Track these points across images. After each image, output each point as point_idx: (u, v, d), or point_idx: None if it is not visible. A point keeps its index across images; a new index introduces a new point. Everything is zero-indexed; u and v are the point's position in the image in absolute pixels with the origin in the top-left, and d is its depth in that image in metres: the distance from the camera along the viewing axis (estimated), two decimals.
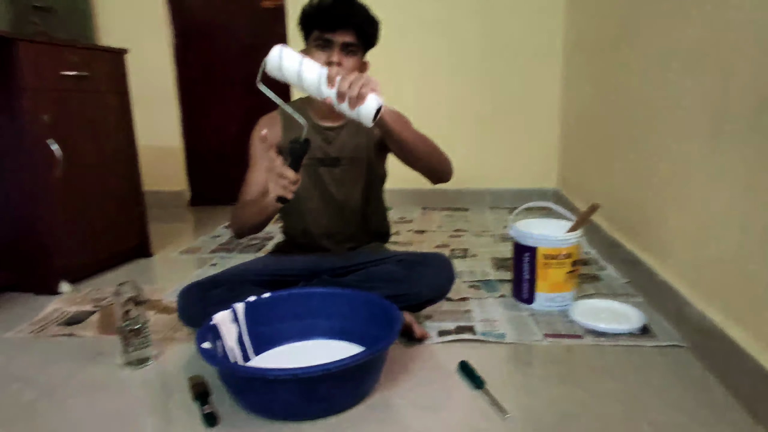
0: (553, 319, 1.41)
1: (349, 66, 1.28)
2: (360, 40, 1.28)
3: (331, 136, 1.41)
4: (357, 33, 1.27)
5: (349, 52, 1.28)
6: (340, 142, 1.40)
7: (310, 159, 1.40)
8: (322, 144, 1.40)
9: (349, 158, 1.41)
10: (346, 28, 1.25)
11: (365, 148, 1.42)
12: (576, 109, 2.58)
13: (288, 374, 0.91)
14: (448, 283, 1.34)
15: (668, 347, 1.24)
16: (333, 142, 1.40)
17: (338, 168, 1.40)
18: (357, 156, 1.41)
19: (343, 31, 1.25)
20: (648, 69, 1.58)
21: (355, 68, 1.29)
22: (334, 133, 1.41)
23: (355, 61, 1.29)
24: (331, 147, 1.40)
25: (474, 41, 2.89)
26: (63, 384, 1.15)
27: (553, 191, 3.00)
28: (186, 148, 3.29)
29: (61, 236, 1.73)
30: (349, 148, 1.41)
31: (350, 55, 1.28)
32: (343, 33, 1.25)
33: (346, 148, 1.40)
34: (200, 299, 1.27)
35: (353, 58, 1.29)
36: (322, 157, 1.40)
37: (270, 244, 2.28)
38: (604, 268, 1.82)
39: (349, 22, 1.25)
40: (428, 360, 1.22)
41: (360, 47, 1.30)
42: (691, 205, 1.28)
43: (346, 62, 1.27)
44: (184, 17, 3.14)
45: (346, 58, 1.28)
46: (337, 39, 1.26)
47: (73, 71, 1.76)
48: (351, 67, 1.28)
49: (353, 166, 1.41)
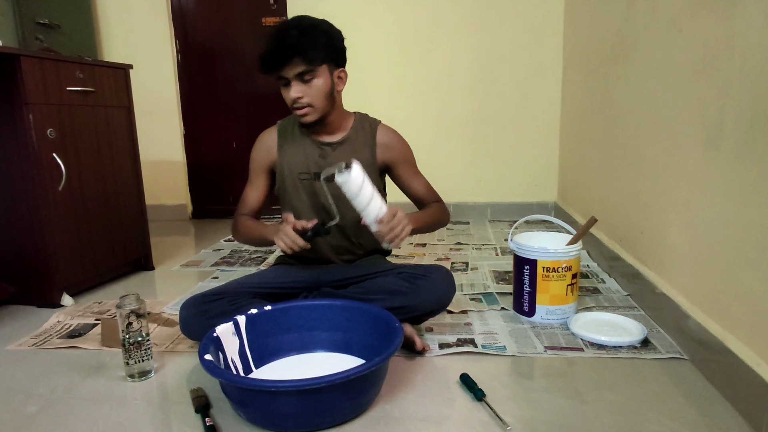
0: (553, 332, 1.42)
1: (312, 93, 1.31)
2: (312, 63, 1.28)
3: (327, 152, 1.42)
4: (304, 60, 1.27)
5: (306, 80, 1.30)
6: (337, 156, 1.41)
7: (308, 174, 1.42)
8: (319, 159, 1.42)
9: None
10: (289, 63, 1.27)
11: (366, 165, 1.40)
12: (574, 123, 2.60)
13: (290, 386, 0.92)
14: (448, 295, 1.35)
15: (669, 359, 1.24)
16: (329, 158, 1.41)
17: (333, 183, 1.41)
18: None
19: (289, 65, 1.27)
20: (644, 83, 1.60)
21: (320, 90, 1.32)
22: (330, 148, 1.43)
23: (316, 84, 1.31)
24: (327, 162, 1.40)
25: (473, 55, 2.92)
26: (65, 397, 1.16)
27: (552, 204, 3.02)
28: (188, 162, 3.32)
29: (64, 249, 1.75)
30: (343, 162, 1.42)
31: (308, 81, 1.30)
32: (290, 67, 1.28)
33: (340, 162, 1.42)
34: (202, 312, 1.28)
35: (313, 81, 1.30)
36: (318, 172, 1.41)
37: (271, 257, 2.29)
38: (604, 281, 1.82)
39: (287, 56, 1.26)
40: (429, 372, 1.22)
41: (316, 67, 1.29)
42: (689, 218, 1.29)
43: (307, 91, 1.30)
44: (187, 34, 3.18)
45: (306, 86, 1.31)
46: (288, 74, 1.29)
47: (78, 87, 1.79)
48: (315, 93, 1.31)
49: None
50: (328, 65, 1.33)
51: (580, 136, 2.47)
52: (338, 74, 1.37)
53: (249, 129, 3.23)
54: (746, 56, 1.04)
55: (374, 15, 2.92)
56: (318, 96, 1.32)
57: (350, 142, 1.43)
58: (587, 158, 2.33)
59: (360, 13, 2.91)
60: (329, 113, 1.38)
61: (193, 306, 1.30)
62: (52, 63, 1.68)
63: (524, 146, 3.00)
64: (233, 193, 3.32)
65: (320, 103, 1.33)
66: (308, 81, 1.30)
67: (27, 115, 1.61)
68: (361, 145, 1.43)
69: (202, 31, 3.18)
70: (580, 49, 2.48)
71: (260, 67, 1.32)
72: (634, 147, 1.70)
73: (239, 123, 3.25)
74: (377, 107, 2.08)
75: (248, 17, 3.11)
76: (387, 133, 1.47)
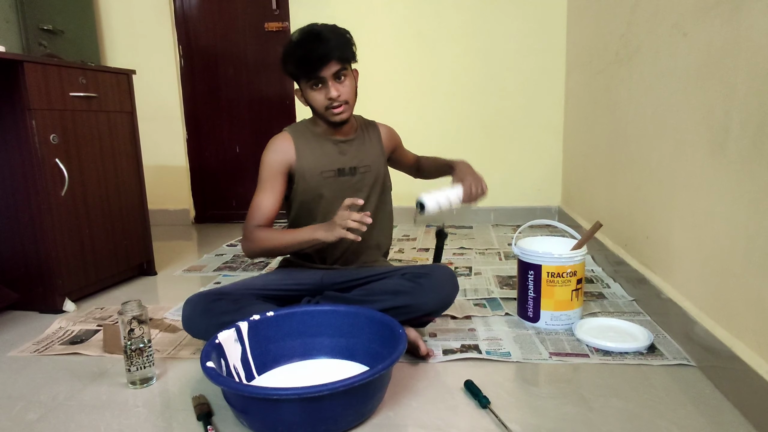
0: (558, 338, 1.40)
1: (347, 91, 1.37)
2: (344, 63, 1.36)
3: (345, 148, 1.48)
4: (339, 60, 1.34)
5: (341, 80, 1.36)
6: (354, 152, 1.49)
7: (331, 170, 1.46)
8: (339, 156, 1.47)
9: (364, 166, 1.49)
10: (327, 63, 1.32)
11: (377, 156, 1.53)
12: (578, 127, 2.59)
13: (292, 394, 0.91)
14: (452, 294, 1.34)
15: (676, 366, 1.23)
16: (348, 153, 1.48)
17: (356, 176, 1.48)
18: (371, 164, 1.51)
19: (327, 66, 1.32)
20: (648, 87, 1.59)
21: (353, 88, 1.40)
22: (347, 145, 1.48)
23: (350, 82, 1.39)
24: (346, 158, 1.47)
25: (476, 60, 2.92)
26: (66, 404, 1.15)
27: (556, 209, 3.00)
28: (191, 167, 3.32)
29: (66, 255, 1.74)
30: (362, 158, 1.49)
31: (342, 80, 1.37)
32: (327, 67, 1.33)
33: (360, 158, 1.49)
34: (205, 310, 1.27)
35: (346, 80, 1.38)
36: (342, 167, 1.47)
37: (274, 261, 2.29)
38: (608, 286, 1.81)
39: (328, 57, 1.32)
40: (433, 378, 1.21)
41: (348, 66, 1.38)
42: (695, 223, 1.28)
43: (342, 89, 1.36)
44: (190, 39, 3.19)
45: (341, 85, 1.37)
46: (325, 75, 1.34)
47: (80, 92, 1.79)
48: (350, 90, 1.38)
49: (368, 174, 1.50)
50: (351, 65, 1.41)
51: (584, 141, 2.46)
52: (355, 72, 1.45)
53: (252, 134, 3.24)
54: (752, 59, 1.03)
55: (377, 20, 2.93)
56: (351, 93, 1.39)
57: (361, 139, 1.52)
58: (591, 162, 2.32)
59: (362, 18, 2.91)
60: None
61: (197, 303, 1.29)
62: (55, 68, 1.69)
63: (528, 150, 2.99)
64: (236, 198, 3.32)
65: (353, 99, 1.41)
66: (342, 80, 1.36)
67: (30, 120, 1.61)
68: (369, 141, 1.53)
69: (205, 36, 3.18)
70: (583, 53, 2.47)
71: (295, 70, 1.35)
72: (638, 151, 1.69)
73: (242, 128, 3.25)
74: (379, 111, 2.08)
75: (251, 23, 3.11)
76: (384, 128, 1.60)
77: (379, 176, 1.52)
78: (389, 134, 1.60)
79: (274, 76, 3.13)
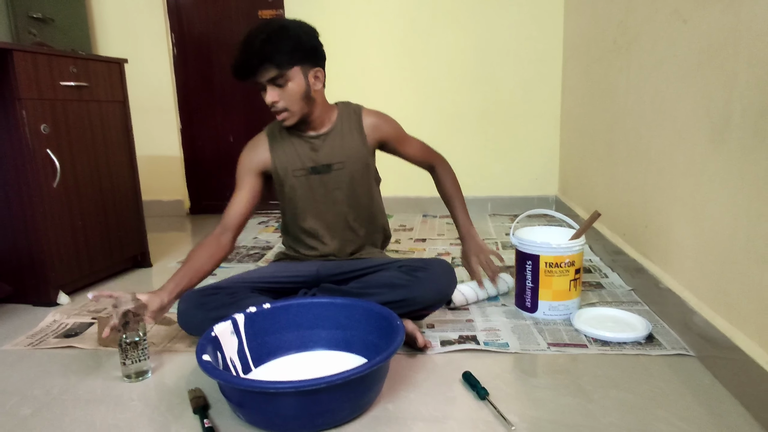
0: (556, 328, 1.40)
1: (286, 97, 1.31)
2: (281, 68, 1.28)
3: (317, 144, 1.43)
4: (272, 65, 1.27)
5: (279, 85, 1.30)
6: (328, 147, 1.43)
7: (302, 169, 1.42)
8: (311, 153, 1.42)
9: (340, 162, 1.43)
10: (259, 70, 1.28)
11: (356, 150, 1.45)
12: (576, 115, 2.57)
13: (289, 387, 0.90)
14: (449, 287, 1.33)
15: (675, 356, 1.22)
16: (320, 149, 1.43)
17: (331, 173, 1.43)
18: (349, 158, 1.44)
19: (260, 72, 1.28)
20: (647, 75, 1.57)
21: (295, 93, 1.32)
22: (320, 140, 1.43)
23: (290, 87, 1.31)
24: (319, 154, 1.43)
25: (472, 48, 2.89)
26: (60, 398, 1.13)
27: (553, 198, 3.00)
28: (185, 158, 3.29)
29: (59, 247, 1.72)
30: (338, 152, 1.43)
31: (282, 86, 1.30)
32: (261, 74, 1.28)
33: (335, 153, 1.43)
34: (201, 304, 1.26)
35: (287, 85, 1.30)
36: (314, 165, 1.43)
37: (269, 253, 2.27)
38: (606, 276, 1.80)
39: (254, 66, 1.27)
40: (431, 370, 1.20)
41: (286, 71, 1.29)
42: (695, 212, 1.27)
43: (282, 95, 1.31)
44: (183, 27, 3.14)
45: (281, 90, 1.31)
46: (262, 81, 1.30)
47: (71, 81, 1.75)
48: (289, 96, 1.31)
49: (346, 169, 1.44)
50: (301, 67, 1.32)
51: (582, 129, 2.44)
52: (314, 74, 1.36)
53: (246, 123, 3.20)
54: (753, 47, 1.02)
55: (371, 8, 2.89)
56: (293, 99, 1.32)
57: (337, 132, 1.44)
58: (589, 151, 2.31)
59: (356, 5, 2.87)
60: (310, 113, 1.39)
61: (191, 299, 1.28)
62: (45, 57, 1.65)
63: (524, 139, 2.97)
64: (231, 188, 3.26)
65: (296, 105, 1.34)
66: (281, 86, 1.31)
67: (20, 110, 1.58)
68: (347, 132, 1.45)
69: (198, 24, 3.14)
70: (581, 41, 2.45)
71: (233, 76, 1.33)
72: (637, 140, 1.67)
73: (236, 117, 3.22)
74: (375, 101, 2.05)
75: (245, 10, 3.07)
76: (371, 115, 1.50)
77: (358, 171, 1.45)
78: (375, 124, 1.48)
79: None
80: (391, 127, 1.52)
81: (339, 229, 1.47)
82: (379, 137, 1.49)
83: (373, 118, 1.49)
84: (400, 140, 1.54)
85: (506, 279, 1.64)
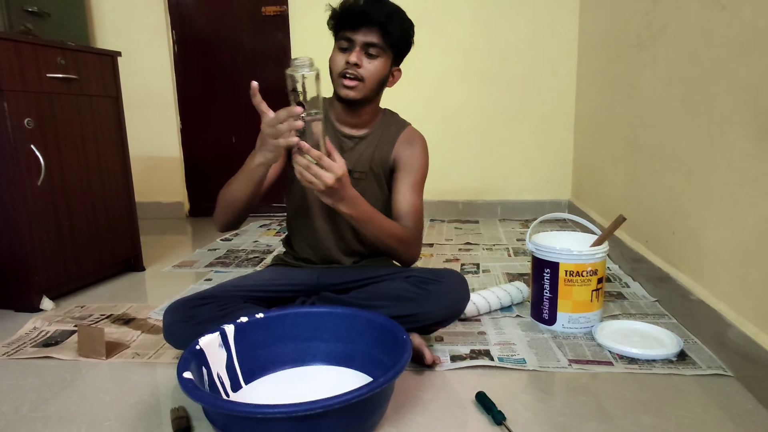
0: (577, 343, 1.28)
1: (370, 69, 1.20)
2: (385, 41, 1.19)
3: (347, 146, 1.31)
4: (382, 33, 1.18)
5: (370, 54, 1.19)
6: (357, 153, 1.30)
7: None
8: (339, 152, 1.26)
9: (362, 172, 1.30)
10: (368, 27, 1.17)
11: (383, 163, 1.32)
12: (591, 116, 2.46)
13: (280, 412, 0.78)
14: (462, 303, 1.21)
15: (711, 376, 1.10)
16: (348, 151, 1.30)
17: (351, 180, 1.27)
18: (372, 170, 1.31)
19: (366, 29, 1.17)
20: (677, 69, 1.46)
21: (378, 72, 1.22)
22: (351, 142, 1.31)
23: (378, 64, 1.21)
24: (345, 155, 1.26)
25: (482, 45, 2.78)
26: (29, 416, 1.02)
27: (566, 202, 2.87)
28: (185, 158, 3.19)
29: (44, 248, 1.62)
30: (365, 162, 1.30)
31: (372, 57, 1.20)
32: (365, 32, 1.18)
33: (361, 161, 1.30)
34: (188, 318, 1.14)
35: (375, 60, 1.20)
36: None
37: (269, 257, 2.16)
38: (628, 285, 1.68)
39: (373, 19, 1.16)
40: (440, 389, 1.08)
41: (385, 50, 1.21)
42: (733, 216, 1.15)
43: (366, 64, 1.19)
44: (184, 23, 3.05)
45: (367, 60, 1.19)
46: (358, 38, 1.18)
47: (59, 73, 1.65)
48: (372, 71, 1.20)
49: (365, 180, 1.30)
50: (393, 57, 1.24)
51: (598, 130, 2.32)
52: (394, 70, 1.28)
53: (249, 124, 3.10)
54: None
55: None
56: (372, 76, 1.21)
57: (371, 139, 1.32)
58: (606, 153, 2.19)
59: None
60: (370, 102, 1.27)
61: (177, 311, 1.16)
62: (30, 47, 1.55)
63: (536, 141, 2.85)
64: None
65: (371, 83, 1.22)
66: (372, 57, 1.20)
67: (2, 103, 1.47)
68: (381, 143, 1.32)
69: (199, 20, 3.04)
70: (598, 38, 2.33)
71: (336, 19, 1.21)
72: (663, 139, 1.56)
73: (238, 117, 3.12)
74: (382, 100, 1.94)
75: (248, 6, 2.97)
76: (410, 132, 1.35)
77: (376, 184, 1.32)
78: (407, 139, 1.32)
79: (272, 63, 2.99)
80: (411, 156, 1.32)
81: (345, 236, 1.34)
82: (395, 156, 1.32)
83: (408, 135, 1.34)
84: (405, 177, 1.30)
85: (521, 288, 1.53)
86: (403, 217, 1.27)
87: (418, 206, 1.29)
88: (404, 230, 1.25)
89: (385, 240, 1.20)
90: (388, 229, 1.20)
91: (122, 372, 1.20)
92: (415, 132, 1.36)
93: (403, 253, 1.26)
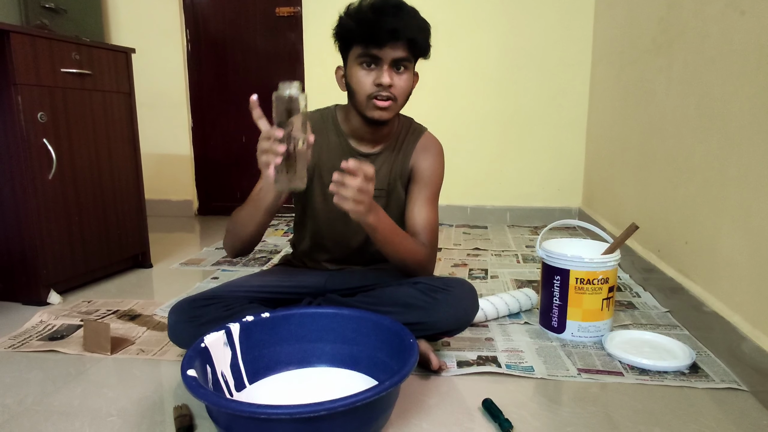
0: (586, 352, 1.26)
1: (401, 86, 1.13)
2: (412, 53, 1.12)
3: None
4: (409, 46, 1.10)
5: (399, 71, 1.12)
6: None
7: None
8: None
9: (380, 189, 1.25)
10: (395, 42, 1.08)
11: (398, 178, 1.27)
12: (604, 122, 2.43)
13: (284, 413, 0.77)
14: (471, 313, 1.17)
15: (725, 390, 1.07)
16: None
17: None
18: (390, 186, 1.27)
19: (393, 45, 1.08)
20: (693, 75, 1.43)
21: (408, 87, 1.15)
22: (368, 160, 1.23)
23: (406, 78, 1.14)
24: None
25: (495, 50, 2.77)
26: (33, 409, 1.02)
27: (576, 210, 2.85)
28: (195, 157, 3.20)
29: (53, 243, 1.62)
30: (382, 179, 1.25)
31: (400, 72, 1.12)
32: (392, 48, 1.08)
33: (379, 179, 1.23)
34: (192, 318, 1.13)
35: (404, 75, 1.13)
36: None
37: (276, 258, 2.15)
38: (638, 295, 1.65)
39: (401, 35, 1.07)
40: (446, 395, 1.07)
41: (411, 61, 1.14)
42: (750, 226, 1.13)
43: (397, 81, 1.12)
44: (198, 23, 3.06)
45: (398, 76, 1.12)
46: (386, 56, 1.09)
47: (73, 68, 1.66)
48: (404, 87, 1.13)
49: (383, 198, 1.26)
50: (414, 63, 1.17)
51: (611, 136, 2.30)
52: (416, 77, 1.21)
53: None
54: None
55: None
56: (404, 91, 1.15)
57: (388, 153, 1.26)
58: (618, 160, 2.16)
59: None
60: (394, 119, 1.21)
61: (182, 311, 1.15)
62: (45, 41, 1.56)
63: (547, 148, 2.83)
64: (241, 190, 3.19)
65: (402, 99, 1.16)
66: (400, 72, 1.12)
67: (15, 96, 1.48)
68: (398, 156, 1.27)
69: (213, 20, 3.06)
70: (612, 43, 2.31)
71: (351, 34, 1.10)
72: (678, 147, 1.53)
73: (250, 117, 3.07)
74: None
75: (262, 7, 2.98)
76: (427, 140, 1.30)
77: (394, 201, 1.27)
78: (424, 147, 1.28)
79: (284, 64, 2.99)
80: (428, 165, 1.27)
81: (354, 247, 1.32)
82: (413, 165, 1.28)
83: (425, 142, 1.29)
84: (420, 189, 1.26)
85: (529, 294, 1.51)
86: (418, 233, 1.22)
87: (433, 222, 1.25)
88: (422, 249, 1.20)
89: (404, 258, 1.16)
90: (407, 247, 1.16)
91: (126, 368, 1.20)
92: (431, 139, 1.31)
93: (420, 272, 1.22)
